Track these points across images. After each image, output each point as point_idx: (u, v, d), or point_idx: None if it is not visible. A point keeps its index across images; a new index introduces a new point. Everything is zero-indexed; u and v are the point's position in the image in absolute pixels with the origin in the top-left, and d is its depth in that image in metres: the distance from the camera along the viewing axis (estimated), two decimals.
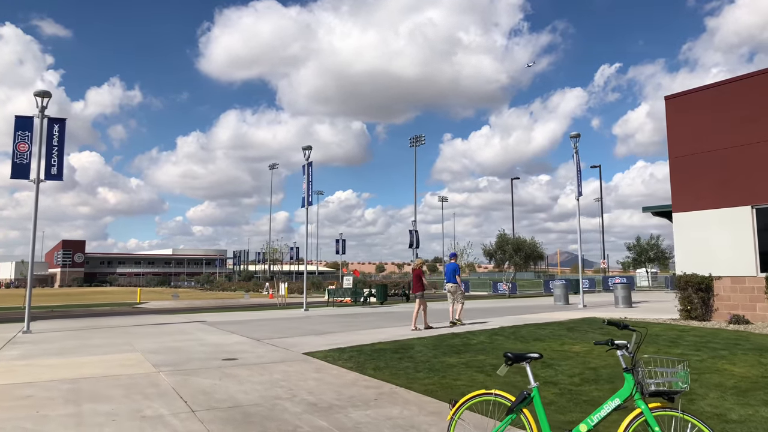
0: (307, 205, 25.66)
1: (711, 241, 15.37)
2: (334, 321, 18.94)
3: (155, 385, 8.06)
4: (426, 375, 8.38)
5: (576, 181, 24.34)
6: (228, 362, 10.01)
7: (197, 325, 18.00)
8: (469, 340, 12.04)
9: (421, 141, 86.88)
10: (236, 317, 21.97)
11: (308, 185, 25.53)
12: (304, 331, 15.53)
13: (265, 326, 17.31)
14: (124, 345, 12.85)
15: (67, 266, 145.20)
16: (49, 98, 17.05)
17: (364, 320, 19.03)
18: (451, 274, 16.23)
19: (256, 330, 16.00)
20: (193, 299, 49.79)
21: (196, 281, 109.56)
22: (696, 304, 15.22)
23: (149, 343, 13.13)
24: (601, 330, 13.41)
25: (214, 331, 16.03)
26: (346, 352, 10.83)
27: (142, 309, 35.77)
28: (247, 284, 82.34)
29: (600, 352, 9.93)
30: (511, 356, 4.29)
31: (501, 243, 36.91)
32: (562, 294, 26.26)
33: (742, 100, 15.08)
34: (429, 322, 15.47)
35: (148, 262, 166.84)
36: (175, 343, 12.99)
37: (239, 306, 37.79)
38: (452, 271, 16.22)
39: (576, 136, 24.36)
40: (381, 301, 30.14)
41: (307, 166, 25.76)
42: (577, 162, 24.29)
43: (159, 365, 9.74)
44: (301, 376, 8.61)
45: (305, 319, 20.30)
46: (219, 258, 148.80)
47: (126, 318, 23.11)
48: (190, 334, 15.28)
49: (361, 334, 14.33)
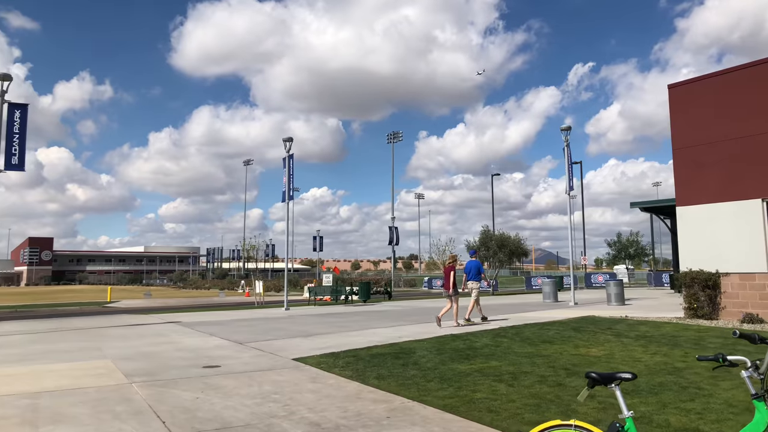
0: (288, 199, 24.52)
1: (718, 236, 14.66)
2: (319, 321, 17.89)
3: (127, 400, 6.97)
4: (438, 385, 7.41)
5: (566, 175, 23.59)
6: (210, 370, 8.94)
7: (172, 327, 16.81)
8: (472, 343, 11.11)
9: (399, 138, 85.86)
10: (213, 317, 20.78)
11: (289, 179, 24.39)
12: (289, 332, 14.46)
13: (246, 327, 16.20)
14: (93, 350, 11.67)
15: (34, 264, 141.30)
16: (9, 81, 15.70)
17: (351, 320, 18.02)
18: (475, 272, 15.47)
19: (237, 331, 14.89)
20: (166, 298, 48.19)
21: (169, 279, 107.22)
22: (703, 302, 14.52)
23: (121, 347, 11.96)
24: (612, 331, 12.59)
25: (191, 333, 14.88)
26: (341, 357, 9.81)
27: (112, 308, 34.24)
28: (222, 282, 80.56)
29: (624, 357, 9.07)
30: (596, 377, 3.26)
31: (485, 239, 36.10)
32: (551, 291, 25.52)
33: (751, 88, 14.39)
34: (460, 319, 15.32)
35: (119, 259, 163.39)
36: (149, 348, 11.84)
37: (215, 305, 36.45)
38: (476, 269, 15.53)
39: (567, 128, 23.63)
40: (364, 299, 29.12)
41: (287, 158, 24.61)
42: (567, 155, 23.53)
43: (132, 375, 8.62)
44: (295, 387, 7.58)
45: (288, 319, 19.22)
46: (192, 255, 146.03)
47: (96, 318, 21.75)
48: (165, 336, 14.11)
49: (352, 335, 13.32)
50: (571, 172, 23.51)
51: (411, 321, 17.04)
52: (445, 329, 13.93)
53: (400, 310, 22.61)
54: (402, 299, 33.86)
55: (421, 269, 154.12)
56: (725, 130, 14.72)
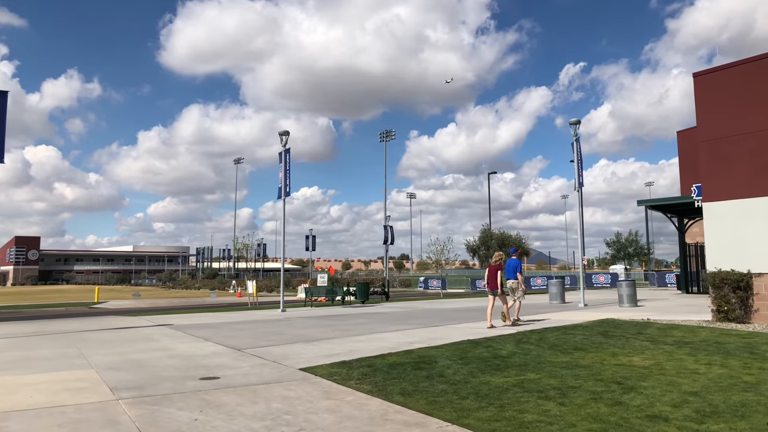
0: (284, 195, 23.41)
1: (749, 234, 13.73)
2: (320, 324, 16.83)
3: (114, 423, 5.89)
4: (476, 404, 6.37)
5: (576, 170, 22.64)
6: (208, 383, 7.86)
7: (163, 330, 15.70)
8: (497, 351, 10.09)
9: (392, 136, 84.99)
10: (206, 319, 19.68)
11: (285, 174, 23.28)
12: (289, 337, 13.39)
13: (243, 331, 15.12)
14: (76, 358, 10.56)
15: (21, 264, 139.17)
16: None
17: (353, 323, 16.97)
18: (512, 271, 14.71)
19: (233, 336, 13.82)
20: (155, 298, 46.88)
21: (158, 279, 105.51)
22: (734, 305, 13.58)
23: (107, 354, 10.85)
24: (644, 336, 11.60)
25: (183, 337, 13.78)
26: (355, 367, 8.76)
27: (100, 309, 32.99)
28: (212, 282, 79.24)
29: (678, 369, 8.06)
30: None
31: (485, 238, 35.08)
32: (559, 292, 24.59)
33: None
34: (511, 319, 14.82)
35: (108, 259, 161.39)
36: (139, 355, 10.75)
37: (207, 306, 35.28)
38: (513, 268, 14.83)
39: (576, 122, 22.69)
40: (362, 300, 28.06)
41: (284, 153, 23.51)
42: (577, 150, 22.59)
43: (118, 388, 7.54)
44: (309, 405, 6.53)
45: (285, 321, 18.14)
46: (182, 255, 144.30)
47: (82, 321, 20.57)
48: (155, 341, 13.01)
49: (359, 341, 12.28)
50: (581, 168, 22.57)
51: (417, 324, 16.02)
52: (466, 332, 12.92)
53: (402, 312, 21.58)
54: (399, 300, 32.84)
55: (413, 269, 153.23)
56: (758, 120, 13.78)
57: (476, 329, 13.87)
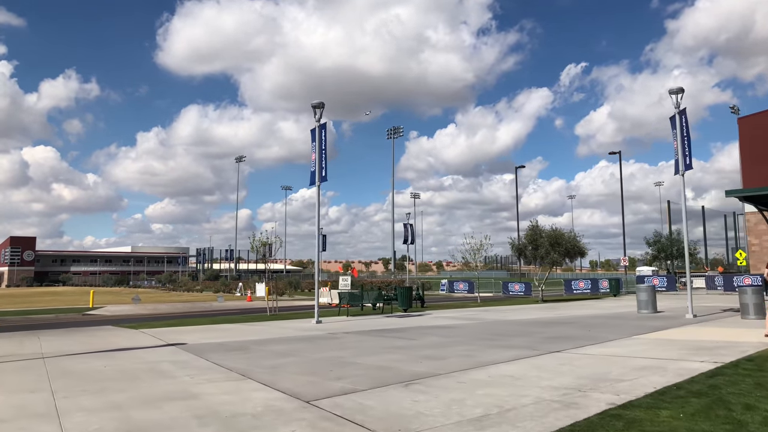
0: (318, 180, 19.16)
1: None
2: (384, 345, 12.58)
3: None
4: None
5: (680, 150, 18.36)
6: None
7: (177, 354, 11.46)
8: (716, 389, 5.85)
9: (399, 133, 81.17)
10: (228, 335, 15.44)
11: (321, 154, 19.04)
12: (365, 370, 9.14)
13: (287, 357, 10.89)
14: (43, 418, 6.34)
15: (16, 265, 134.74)
16: None
17: (429, 343, 12.74)
18: None
19: (279, 368, 9.59)
20: (156, 302, 42.52)
21: (158, 280, 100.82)
22: None
23: (93, 410, 6.61)
24: None
25: (208, 369, 9.54)
26: None
27: (94, 317, 28.69)
28: (215, 284, 74.82)
29: None
30: None
31: (533, 236, 30.84)
32: (649, 299, 20.28)
33: None
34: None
35: (105, 260, 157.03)
36: (146, 412, 6.51)
37: (216, 312, 31.01)
38: None
39: (679, 91, 18.45)
40: (405, 308, 23.74)
41: (318, 129, 19.29)
42: (680, 124, 18.32)
43: None
44: None
45: (334, 340, 13.92)
46: (181, 256, 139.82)
47: (71, 334, 16.29)
48: (169, 378, 8.76)
49: (480, 381, 8.04)
50: (688, 146, 18.29)
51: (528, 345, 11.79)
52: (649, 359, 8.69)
53: (475, 325, 17.27)
54: (440, 307, 28.44)
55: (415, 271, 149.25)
56: None
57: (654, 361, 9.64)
